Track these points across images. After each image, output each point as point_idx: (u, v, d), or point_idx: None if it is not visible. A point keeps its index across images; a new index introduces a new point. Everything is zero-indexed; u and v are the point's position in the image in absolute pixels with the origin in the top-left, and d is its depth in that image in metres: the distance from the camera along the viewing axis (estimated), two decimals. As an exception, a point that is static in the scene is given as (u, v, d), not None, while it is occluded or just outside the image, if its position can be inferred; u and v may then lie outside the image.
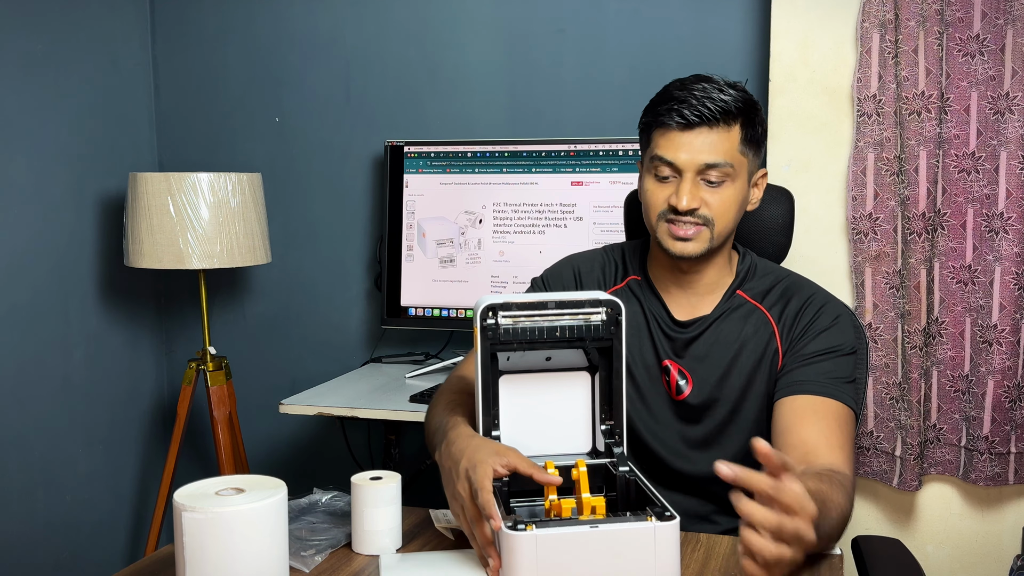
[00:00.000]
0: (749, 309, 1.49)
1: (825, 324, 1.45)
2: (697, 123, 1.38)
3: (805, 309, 1.47)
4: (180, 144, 2.79)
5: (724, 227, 1.43)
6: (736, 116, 1.40)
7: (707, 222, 1.41)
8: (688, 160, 1.39)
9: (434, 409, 1.45)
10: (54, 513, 2.48)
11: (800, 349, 1.44)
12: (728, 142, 1.40)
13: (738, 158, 1.42)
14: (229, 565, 1.05)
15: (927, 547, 2.18)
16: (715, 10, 2.33)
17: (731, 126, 1.40)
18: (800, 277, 1.54)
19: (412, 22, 2.56)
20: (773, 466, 1.01)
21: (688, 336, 1.49)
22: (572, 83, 2.45)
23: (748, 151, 1.43)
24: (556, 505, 1.18)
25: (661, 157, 1.41)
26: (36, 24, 2.39)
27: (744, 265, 1.53)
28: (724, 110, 1.39)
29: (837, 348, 1.44)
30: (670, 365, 1.49)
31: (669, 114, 1.40)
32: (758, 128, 1.45)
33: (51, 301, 2.45)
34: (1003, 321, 2.02)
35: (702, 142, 1.39)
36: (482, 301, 1.23)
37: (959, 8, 1.99)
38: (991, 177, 2.01)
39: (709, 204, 1.41)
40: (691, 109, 1.38)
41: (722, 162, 1.39)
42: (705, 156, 1.39)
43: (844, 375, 1.43)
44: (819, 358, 1.43)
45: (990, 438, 2.04)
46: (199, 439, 2.83)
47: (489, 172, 2.37)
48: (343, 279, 2.69)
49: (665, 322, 1.50)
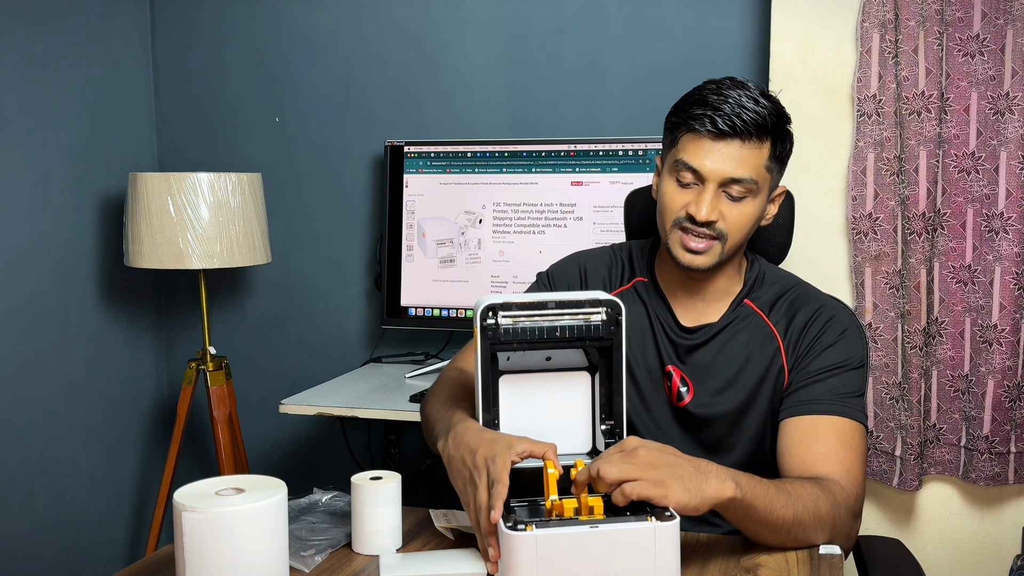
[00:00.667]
0: (756, 322, 1.46)
1: (832, 339, 1.42)
2: (729, 134, 1.34)
3: (812, 324, 1.44)
4: (180, 144, 2.79)
5: (736, 242, 1.41)
6: (768, 131, 1.36)
7: (720, 236, 1.39)
8: (714, 170, 1.35)
9: (433, 400, 1.44)
10: (54, 513, 2.48)
11: (806, 366, 1.41)
12: (757, 158, 1.36)
13: (763, 175, 1.38)
14: (229, 565, 1.05)
15: (927, 547, 2.18)
16: (715, 10, 2.33)
17: (763, 141, 1.36)
18: (808, 286, 1.51)
19: (412, 22, 2.56)
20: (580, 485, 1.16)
21: (693, 343, 1.47)
22: (572, 83, 2.45)
23: (774, 167, 1.40)
24: (558, 505, 1.18)
25: (686, 163, 1.37)
26: (36, 24, 2.39)
27: (752, 273, 1.50)
28: (758, 124, 1.34)
29: (845, 363, 1.40)
30: (672, 371, 1.47)
31: (701, 120, 1.35)
32: (787, 144, 1.41)
33: (51, 301, 2.45)
34: (1003, 321, 2.02)
35: (731, 154, 1.35)
36: (482, 301, 1.23)
37: (959, 8, 1.99)
38: (991, 177, 2.01)
39: (726, 218, 1.38)
40: (724, 119, 1.33)
41: (747, 178, 1.36)
42: (732, 170, 1.35)
43: (852, 390, 1.39)
44: (826, 374, 1.40)
45: (990, 438, 2.04)
46: (199, 439, 2.83)
47: (489, 172, 2.37)
48: (343, 279, 2.69)
49: (670, 326, 1.49)
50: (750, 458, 1.45)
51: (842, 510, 1.27)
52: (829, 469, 1.31)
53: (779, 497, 1.21)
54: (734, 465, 1.34)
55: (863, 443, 1.37)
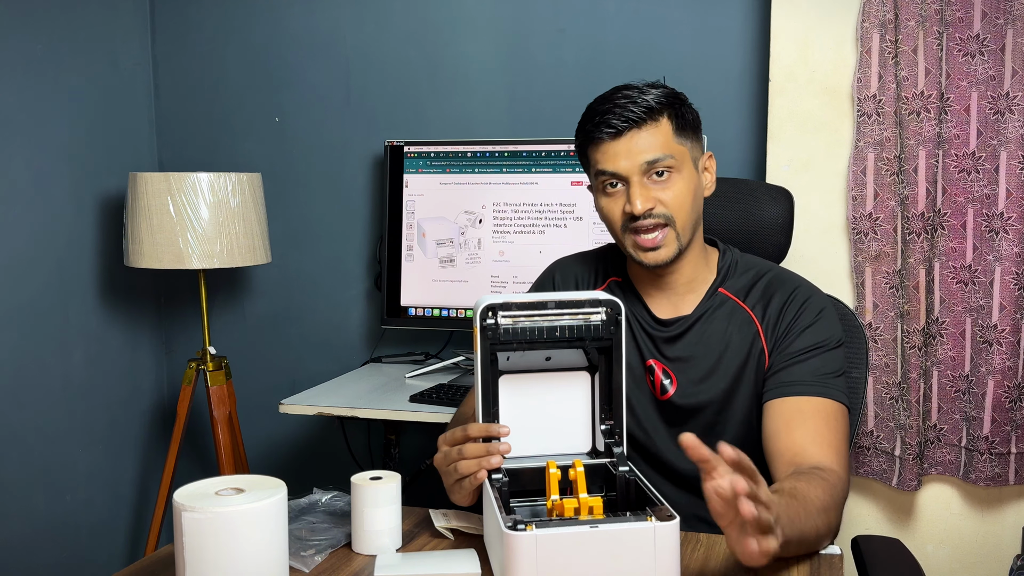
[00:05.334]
0: (732, 308, 1.48)
1: (809, 320, 1.45)
2: (626, 128, 1.40)
3: (788, 306, 1.46)
4: (180, 144, 2.79)
5: (685, 220, 1.43)
6: (661, 110, 1.41)
7: (668, 220, 1.42)
8: (628, 165, 1.40)
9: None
10: (54, 513, 2.48)
11: (786, 347, 1.44)
12: (661, 135, 1.41)
13: (676, 148, 1.42)
14: (229, 565, 1.05)
15: (927, 547, 2.18)
16: (715, 10, 2.33)
17: (659, 120, 1.41)
18: (782, 270, 1.53)
19: (412, 22, 2.57)
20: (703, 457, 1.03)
21: (670, 334, 1.49)
22: (572, 83, 2.45)
23: (685, 139, 1.44)
24: (558, 505, 1.19)
25: (603, 170, 1.43)
26: (36, 24, 2.39)
27: (725, 262, 1.52)
28: (647, 108, 1.40)
29: (824, 343, 1.43)
30: (654, 365, 1.49)
31: (598, 128, 1.41)
32: (688, 115, 1.45)
33: (51, 301, 2.45)
34: (1003, 321, 2.02)
35: (636, 144, 1.40)
36: (482, 301, 1.23)
37: (959, 8, 1.99)
38: (991, 177, 2.01)
39: (664, 201, 1.41)
40: (615, 117, 1.40)
41: (661, 156, 1.40)
42: (643, 155, 1.40)
43: (833, 370, 1.42)
44: (806, 355, 1.42)
45: (990, 438, 2.04)
46: (199, 439, 2.83)
47: (489, 172, 2.37)
48: (343, 279, 2.69)
49: (646, 321, 1.50)
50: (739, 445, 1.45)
51: (833, 496, 1.27)
52: (820, 455, 1.32)
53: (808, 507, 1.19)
54: None
55: (847, 424, 1.40)
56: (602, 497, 1.23)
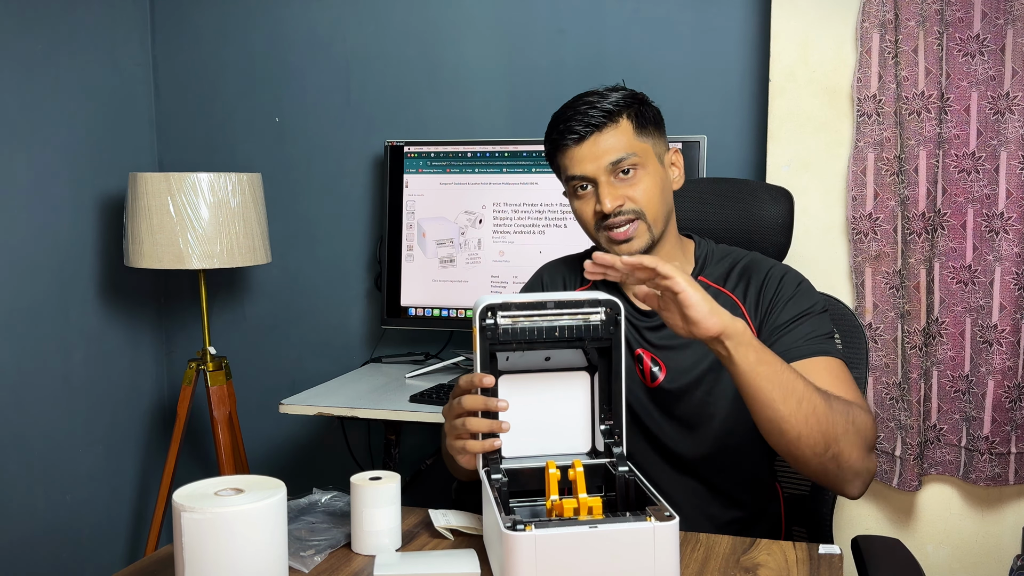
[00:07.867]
0: (714, 294, 1.50)
1: (790, 292, 1.49)
2: (588, 132, 1.45)
3: (767, 284, 1.50)
4: (180, 144, 2.79)
5: (656, 213, 1.47)
6: (620, 111, 1.46)
7: (638, 215, 1.46)
8: (594, 167, 1.45)
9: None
10: (54, 513, 2.48)
11: (773, 321, 1.47)
12: (623, 135, 1.45)
13: (639, 145, 1.46)
14: (229, 565, 1.05)
15: (927, 547, 2.18)
16: (715, 10, 2.33)
17: (618, 121, 1.46)
18: (755, 255, 1.57)
19: (412, 22, 2.57)
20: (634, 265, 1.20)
21: (654, 323, 1.51)
22: (572, 83, 2.44)
23: (647, 137, 1.48)
24: (558, 505, 1.19)
25: (572, 175, 1.48)
26: (36, 24, 2.39)
27: (701, 251, 1.56)
28: (605, 112, 1.45)
29: (809, 310, 1.47)
30: (643, 354, 1.51)
31: (562, 135, 1.47)
32: (648, 113, 1.49)
33: (51, 301, 2.45)
34: (1003, 321, 2.02)
35: (599, 146, 1.45)
36: (481, 301, 1.23)
37: (959, 8, 1.99)
38: (991, 177, 2.01)
39: (632, 197, 1.46)
40: (578, 123, 1.45)
41: (624, 155, 1.45)
42: (607, 156, 1.45)
43: (824, 331, 1.46)
44: (794, 323, 1.45)
45: (990, 438, 2.04)
46: (199, 439, 2.83)
47: (489, 172, 2.37)
48: (343, 279, 2.69)
49: (629, 312, 1.52)
50: (732, 424, 1.48)
51: (864, 418, 1.31)
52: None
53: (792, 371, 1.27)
54: (716, 433, 1.46)
55: (851, 375, 1.43)
56: (601, 497, 1.23)
